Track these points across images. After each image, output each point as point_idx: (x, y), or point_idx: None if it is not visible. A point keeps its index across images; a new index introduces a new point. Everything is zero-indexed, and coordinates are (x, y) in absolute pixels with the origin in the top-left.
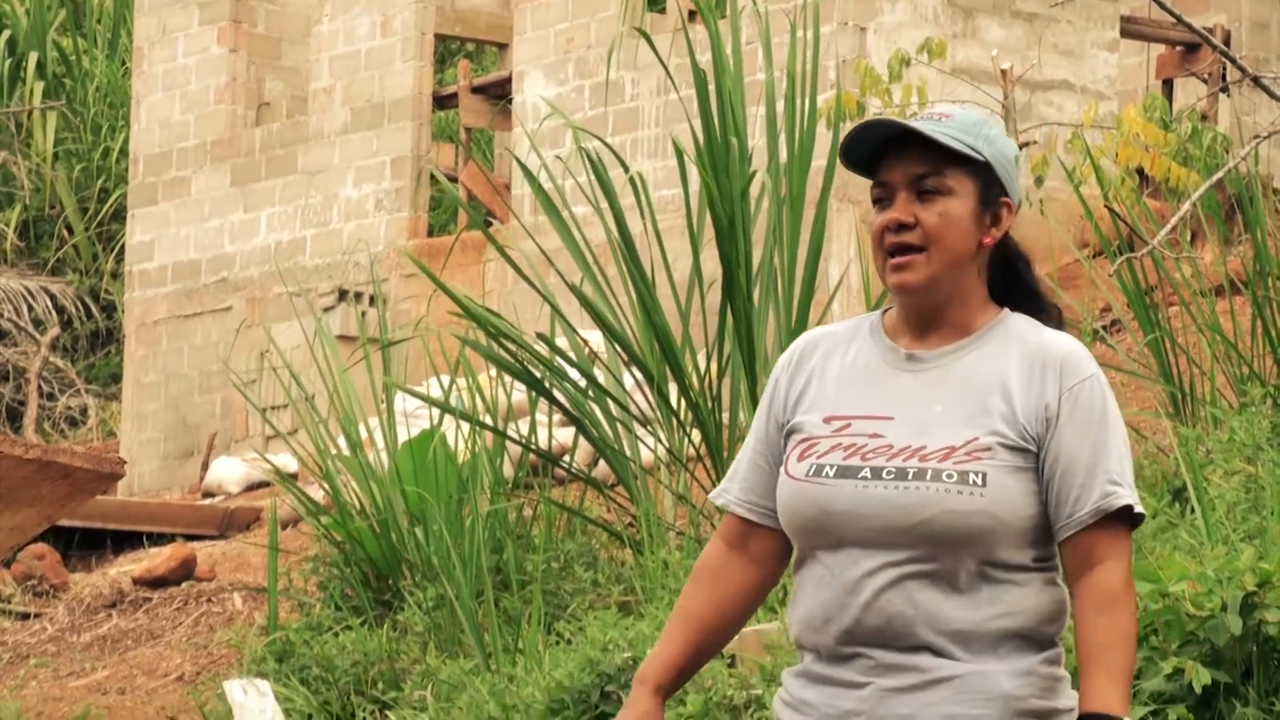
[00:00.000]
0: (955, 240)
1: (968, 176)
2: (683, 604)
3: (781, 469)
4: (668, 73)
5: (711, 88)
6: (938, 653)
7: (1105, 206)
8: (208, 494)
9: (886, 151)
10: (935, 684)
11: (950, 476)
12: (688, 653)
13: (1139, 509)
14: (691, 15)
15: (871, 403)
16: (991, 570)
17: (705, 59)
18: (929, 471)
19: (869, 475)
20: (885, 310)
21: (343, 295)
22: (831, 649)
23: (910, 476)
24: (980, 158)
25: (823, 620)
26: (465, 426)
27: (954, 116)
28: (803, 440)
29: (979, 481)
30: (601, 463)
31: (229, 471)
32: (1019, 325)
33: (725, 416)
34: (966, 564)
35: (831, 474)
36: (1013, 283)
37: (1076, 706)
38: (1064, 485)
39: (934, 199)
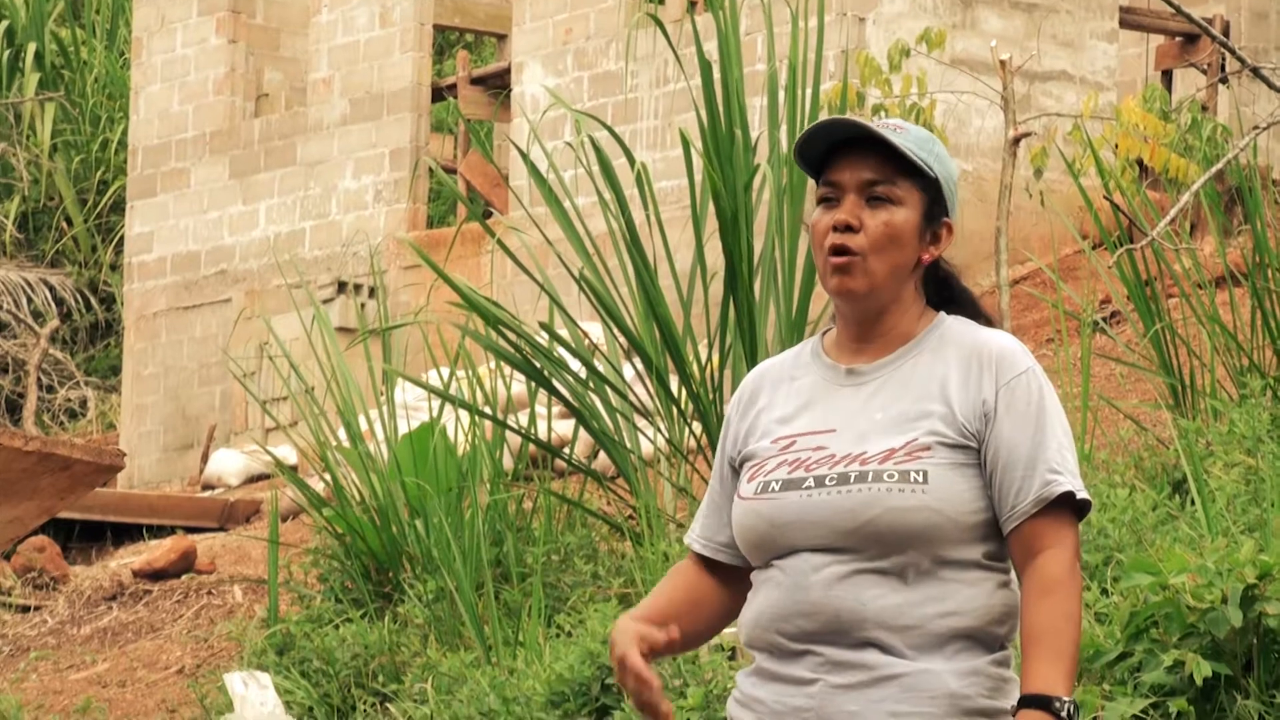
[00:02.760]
0: (896, 250)
1: (916, 189)
2: (663, 584)
3: (735, 496)
4: (679, 61)
5: (717, 77)
6: (885, 650)
7: (1105, 198)
8: (207, 486)
9: (838, 153)
10: (882, 681)
11: (891, 476)
12: (670, 609)
13: (1082, 495)
14: (691, 6)
15: (814, 419)
16: (941, 569)
17: (705, 49)
18: (870, 474)
19: (812, 484)
20: (825, 332)
21: (342, 287)
22: (782, 646)
23: (852, 480)
24: (931, 173)
25: (772, 618)
26: (465, 418)
27: (908, 130)
28: (753, 464)
29: (920, 479)
30: (601, 454)
31: (229, 464)
32: (955, 327)
33: (726, 408)
34: (916, 561)
35: (777, 488)
36: (948, 296)
37: None
38: (1006, 478)
39: (882, 206)
